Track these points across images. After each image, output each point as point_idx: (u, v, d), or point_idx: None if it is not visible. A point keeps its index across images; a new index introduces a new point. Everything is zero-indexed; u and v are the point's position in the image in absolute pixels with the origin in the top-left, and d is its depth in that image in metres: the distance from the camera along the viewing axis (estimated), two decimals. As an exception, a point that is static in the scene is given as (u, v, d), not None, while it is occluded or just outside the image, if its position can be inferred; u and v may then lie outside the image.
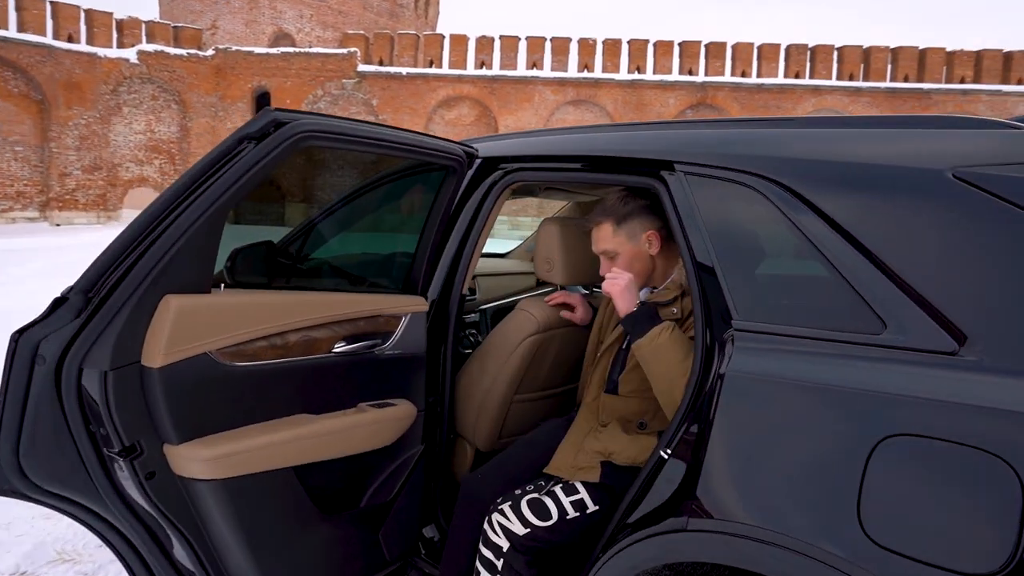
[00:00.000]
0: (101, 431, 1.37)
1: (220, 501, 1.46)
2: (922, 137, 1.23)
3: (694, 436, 1.26)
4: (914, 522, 0.97)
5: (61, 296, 1.35)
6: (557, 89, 28.08)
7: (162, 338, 1.36)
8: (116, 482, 1.43)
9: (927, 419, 0.99)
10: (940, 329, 1.05)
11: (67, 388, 1.34)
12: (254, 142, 1.47)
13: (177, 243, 1.37)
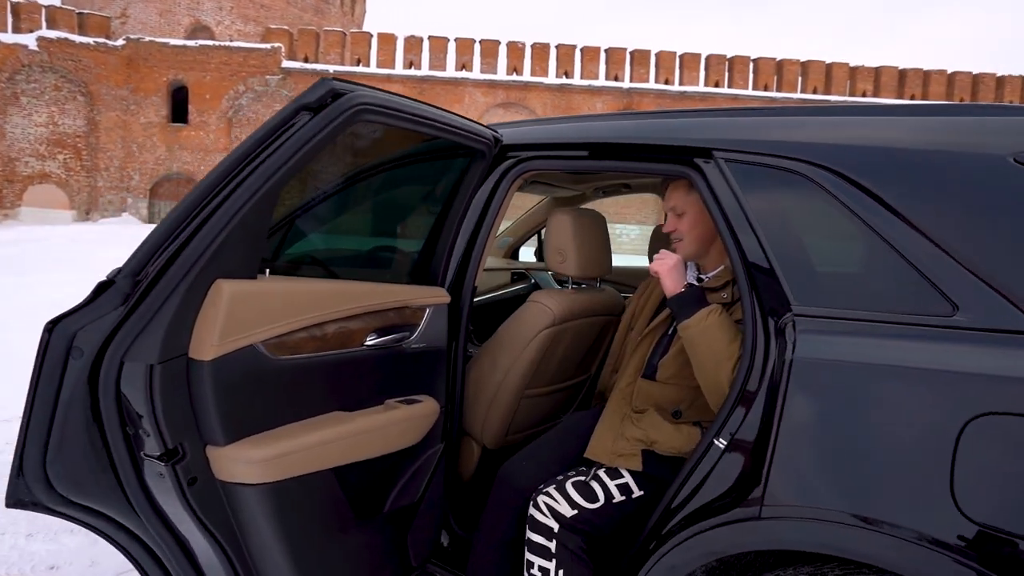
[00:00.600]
0: (141, 432, 1.22)
1: (267, 507, 1.33)
2: (978, 124, 1.27)
3: (757, 423, 1.25)
4: (1010, 497, 0.99)
5: (107, 280, 1.20)
6: (487, 91, 28.10)
7: (215, 328, 1.22)
8: (149, 490, 1.28)
9: (1012, 397, 1.01)
10: (1014, 308, 1.08)
11: (105, 385, 1.19)
12: (311, 113, 1.36)
13: (231, 222, 1.24)
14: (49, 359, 1.18)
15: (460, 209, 1.81)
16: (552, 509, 1.53)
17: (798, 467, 1.19)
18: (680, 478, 1.39)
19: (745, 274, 1.38)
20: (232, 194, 1.26)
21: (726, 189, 1.45)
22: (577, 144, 1.79)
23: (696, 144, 1.53)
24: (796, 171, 1.36)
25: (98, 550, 2.53)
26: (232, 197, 1.26)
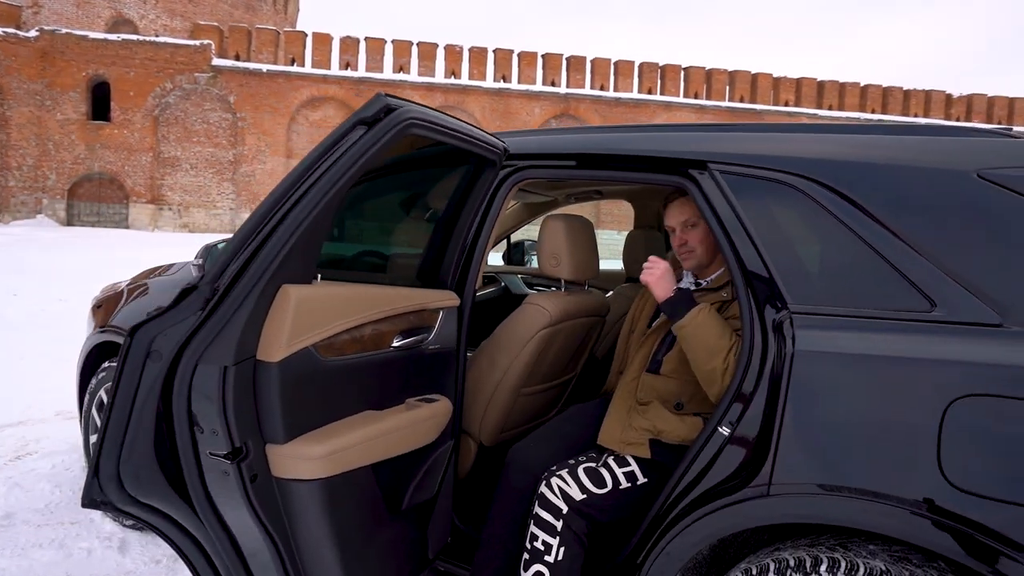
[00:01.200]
0: (209, 432, 1.24)
1: (319, 501, 1.37)
2: (949, 143, 1.44)
3: (761, 411, 1.38)
4: (989, 468, 1.15)
5: (189, 286, 1.22)
6: (426, 94, 28.00)
7: (284, 330, 1.26)
8: (207, 489, 1.30)
9: (994, 381, 1.17)
10: (984, 305, 1.24)
11: (180, 386, 1.21)
12: (366, 127, 1.41)
13: (296, 231, 1.28)
14: (130, 363, 1.20)
15: (470, 215, 1.88)
16: (563, 491, 1.63)
17: (803, 448, 1.33)
18: (685, 463, 1.52)
19: (742, 275, 1.52)
20: (297, 204, 1.31)
21: (721, 198, 1.58)
22: (574, 155, 1.90)
23: (691, 156, 1.66)
24: (787, 182, 1.50)
25: (72, 563, 2.47)
26: (298, 207, 1.30)
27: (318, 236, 1.39)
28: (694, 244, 1.87)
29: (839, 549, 1.32)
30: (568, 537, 1.62)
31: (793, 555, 1.34)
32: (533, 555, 1.63)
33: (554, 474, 1.67)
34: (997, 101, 33.34)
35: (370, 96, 1.44)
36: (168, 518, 1.35)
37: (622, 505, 1.66)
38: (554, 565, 1.60)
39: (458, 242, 1.89)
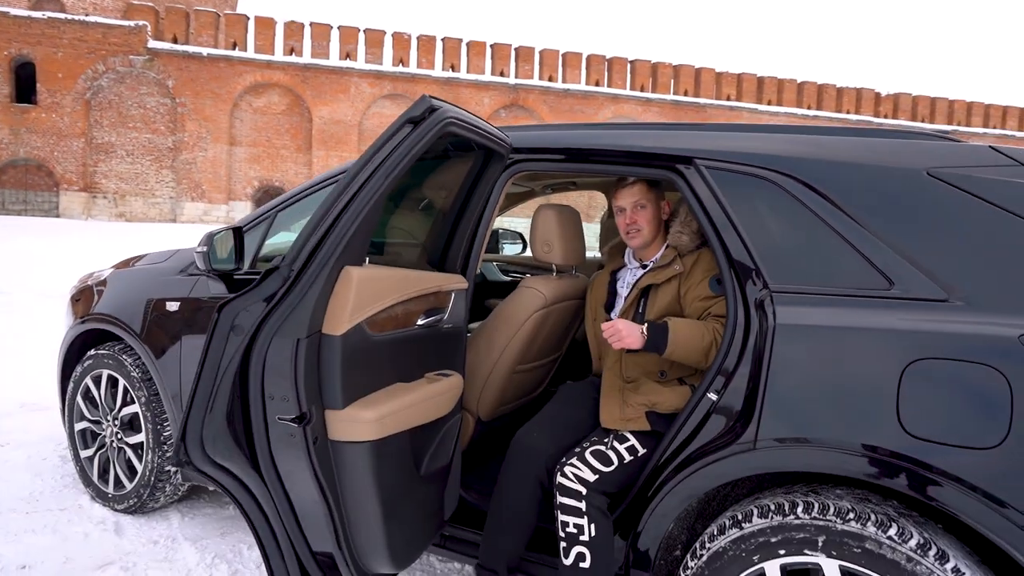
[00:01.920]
0: (279, 399, 1.35)
1: (368, 461, 1.50)
2: (903, 144, 1.67)
3: (747, 378, 1.58)
4: (938, 417, 1.37)
5: (272, 267, 1.32)
6: (374, 82, 27.67)
7: (347, 307, 1.39)
8: (273, 452, 1.41)
9: (940, 346, 1.40)
10: (933, 283, 1.47)
11: (257, 357, 1.32)
12: (413, 125, 1.53)
13: (358, 217, 1.40)
14: (216, 337, 1.31)
15: (478, 205, 2.02)
16: (578, 477, 1.80)
17: (784, 408, 1.53)
18: (677, 426, 1.71)
19: (726, 258, 1.71)
20: (358, 194, 1.43)
21: (706, 190, 1.78)
22: (569, 149, 2.06)
23: (679, 152, 1.85)
24: (766, 177, 1.71)
25: (71, 546, 2.51)
26: (359, 197, 1.43)
27: (372, 223, 1.52)
28: (642, 224, 2.08)
29: (811, 494, 1.54)
30: (594, 514, 1.79)
31: (772, 501, 1.55)
32: (570, 539, 1.78)
33: (566, 464, 1.83)
34: (920, 100, 35.19)
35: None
36: (235, 479, 1.46)
37: (628, 476, 1.84)
38: (591, 542, 1.76)
39: (466, 229, 2.03)
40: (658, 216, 2.11)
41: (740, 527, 1.55)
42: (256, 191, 27.00)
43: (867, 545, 1.39)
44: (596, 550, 1.76)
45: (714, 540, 1.59)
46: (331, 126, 27.27)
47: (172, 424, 2.60)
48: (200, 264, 2.31)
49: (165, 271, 2.68)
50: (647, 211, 2.09)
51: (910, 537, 1.38)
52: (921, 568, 1.34)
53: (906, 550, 1.36)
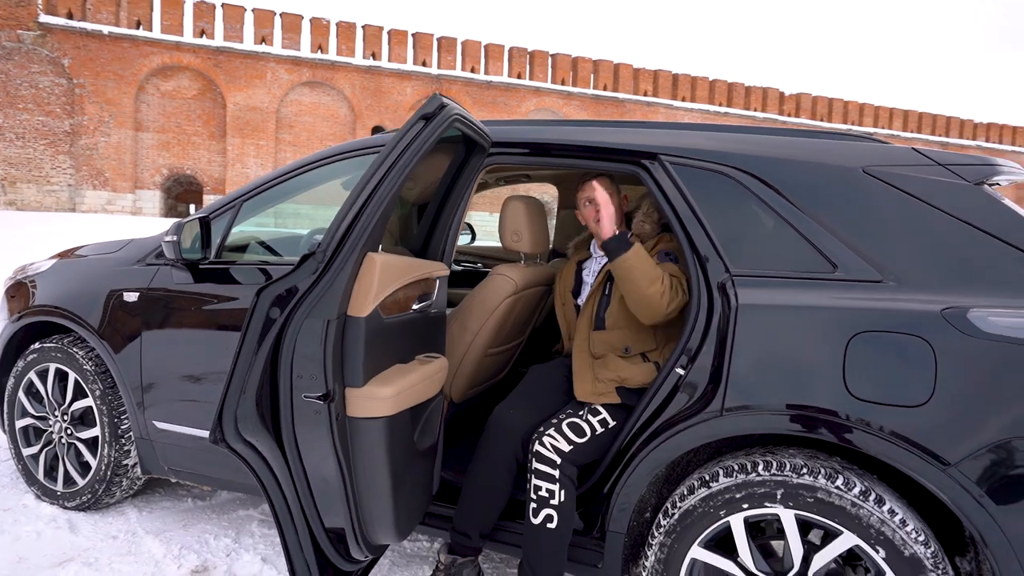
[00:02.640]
0: (309, 377, 1.39)
1: (382, 436, 1.57)
2: (841, 145, 1.89)
3: (712, 353, 1.76)
4: (877, 381, 1.59)
5: (309, 252, 1.36)
6: (292, 68, 26.83)
7: (371, 290, 1.45)
8: (296, 429, 1.45)
9: (877, 321, 1.62)
10: (870, 267, 1.69)
11: (290, 338, 1.35)
12: (426, 121, 1.60)
13: (380, 206, 1.46)
14: (255, 319, 1.34)
15: (460, 195, 2.11)
16: (554, 446, 1.94)
17: (748, 379, 1.72)
18: (647, 399, 1.87)
19: (689, 245, 1.89)
20: (380, 185, 1.49)
21: (670, 183, 1.94)
22: (541, 144, 2.18)
23: (645, 149, 2.01)
24: (725, 172, 1.89)
25: (23, 545, 2.43)
26: (381, 187, 1.49)
27: (389, 210, 1.59)
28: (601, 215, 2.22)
29: (768, 455, 1.74)
30: (565, 482, 1.94)
31: (735, 462, 1.73)
32: (540, 502, 1.93)
33: (544, 434, 1.97)
34: (819, 100, 37.51)
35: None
36: (260, 456, 1.50)
37: (599, 448, 2.00)
38: (559, 506, 1.91)
39: (448, 219, 2.12)
40: (618, 205, 2.27)
41: (708, 487, 1.73)
42: (166, 179, 25.66)
43: (819, 495, 1.60)
44: (563, 514, 1.92)
45: (684, 499, 1.76)
46: (247, 113, 26.25)
47: (131, 416, 2.55)
48: (169, 253, 2.29)
49: (121, 261, 2.62)
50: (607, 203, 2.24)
51: (854, 486, 1.59)
52: (863, 511, 1.56)
53: (851, 497, 1.58)
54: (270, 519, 2.74)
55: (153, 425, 2.50)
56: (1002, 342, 1.52)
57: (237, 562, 2.39)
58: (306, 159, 2.49)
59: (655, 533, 1.80)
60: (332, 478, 1.55)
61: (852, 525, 1.57)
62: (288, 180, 2.45)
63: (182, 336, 2.43)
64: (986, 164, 1.78)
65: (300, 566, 1.57)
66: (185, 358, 2.42)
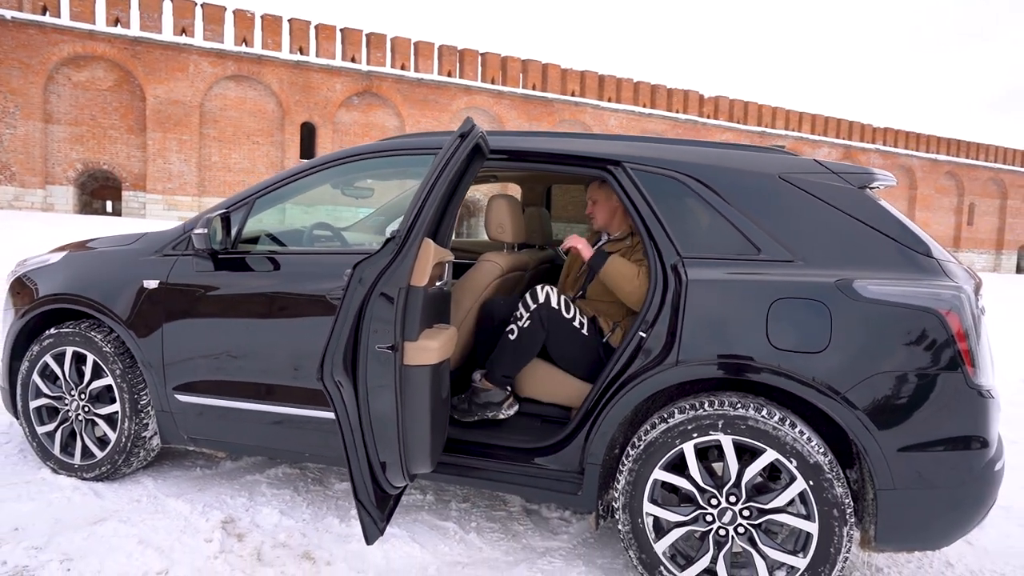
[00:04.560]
0: (385, 332, 1.80)
1: (429, 381, 1.99)
2: (763, 156, 2.43)
3: (667, 319, 2.26)
4: (790, 335, 2.13)
5: (389, 237, 1.75)
6: (216, 61, 26.10)
7: (428, 267, 1.87)
8: (368, 372, 1.86)
9: (790, 290, 2.15)
10: (784, 250, 2.23)
11: (374, 302, 1.74)
12: (461, 138, 2.00)
13: (434, 204, 1.87)
14: (351, 287, 1.73)
15: (462, 193, 2.52)
16: (547, 294, 2.64)
17: (696, 337, 2.23)
18: (615, 357, 2.36)
19: (648, 236, 2.38)
20: (435, 186, 1.91)
21: (633, 187, 2.44)
22: (521, 151, 2.64)
23: (610, 157, 2.50)
24: (675, 177, 2.40)
25: (56, 509, 2.67)
26: (436, 189, 1.91)
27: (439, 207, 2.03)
28: (595, 214, 2.89)
29: (712, 396, 2.25)
30: (534, 315, 2.63)
31: (686, 403, 2.24)
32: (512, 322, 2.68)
33: (546, 285, 2.68)
34: (735, 103, 39.61)
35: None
36: (340, 394, 1.89)
37: (573, 333, 2.66)
38: (521, 327, 2.64)
39: (452, 214, 2.54)
40: (609, 208, 2.85)
41: (666, 422, 2.23)
42: (80, 174, 24.51)
43: (749, 423, 2.13)
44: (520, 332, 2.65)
45: (647, 434, 2.25)
46: (168, 106, 25.37)
47: (152, 391, 2.83)
48: (200, 244, 2.61)
49: (140, 252, 2.89)
50: (599, 205, 2.88)
51: (774, 415, 2.13)
52: (781, 433, 2.09)
53: (772, 423, 2.11)
54: (277, 482, 3.07)
55: (175, 398, 2.80)
56: (876, 304, 2.09)
57: (258, 515, 2.72)
58: (313, 162, 2.84)
59: (625, 461, 2.29)
60: (389, 417, 1.96)
61: (773, 444, 2.11)
62: (299, 180, 2.80)
63: (203, 319, 2.74)
64: (866, 173, 2.36)
65: (360, 486, 1.97)
66: (207, 337, 2.73)
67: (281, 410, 2.65)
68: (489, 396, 2.72)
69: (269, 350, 2.67)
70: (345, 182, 3.37)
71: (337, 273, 2.48)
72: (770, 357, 2.14)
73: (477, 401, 2.74)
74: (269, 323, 2.68)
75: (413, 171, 3.18)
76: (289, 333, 2.64)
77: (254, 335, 2.69)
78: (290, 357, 2.62)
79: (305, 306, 2.61)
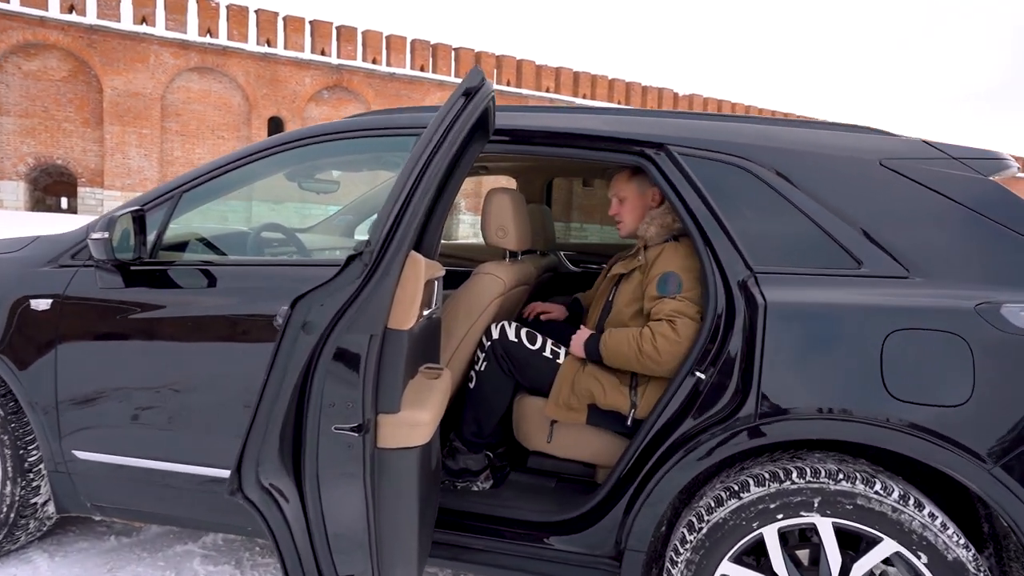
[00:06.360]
0: (344, 405, 1.12)
1: (416, 468, 1.34)
2: (856, 137, 1.83)
3: (738, 354, 1.65)
4: (915, 380, 1.54)
5: (355, 252, 1.07)
6: (178, 52, 24.94)
7: (416, 296, 1.18)
8: (321, 469, 1.17)
9: (911, 318, 1.56)
10: (895, 262, 1.65)
11: (325, 359, 1.07)
12: (466, 97, 1.36)
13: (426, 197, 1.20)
14: (287, 339, 1.05)
15: (455, 185, 1.88)
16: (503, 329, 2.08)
17: (782, 381, 1.62)
18: (660, 407, 1.75)
19: (704, 243, 1.78)
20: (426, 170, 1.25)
21: (680, 177, 1.82)
22: (531, 132, 2.00)
23: (650, 139, 1.88)
24: (740, 165, 1.79)
25: None
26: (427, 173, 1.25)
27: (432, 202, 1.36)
28: (623, 215, 2.21)
29: (798, 460, 1.65)
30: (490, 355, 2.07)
31: (764, 470, 1.63)
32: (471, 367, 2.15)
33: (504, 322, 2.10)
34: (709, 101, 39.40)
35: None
36: (275, 501, 1.22)
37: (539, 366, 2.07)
38: (479, 372, 2.09)
39: (442, 213, 1.89)
40: (642, 207, 2.17)
41: (738, 497, 1.62)
42: (32, 169, 23.19)
43: (858, 501, 1.53)
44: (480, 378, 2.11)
45: (712, 512, 1.64)
46: (127, 99, 24.13)
47: (43, 445, 2.15)
48: (97, 253, 1.93)
49: (27, 262, 2.20)
50: (627, 204, 2.19)
51: (892, 490, 1.53)
52: (904, 516, 1.50)
53: (891, 502, 1.52)
54: (213, 553, 2.41)
55: (72, 455, 2.12)
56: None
57: (185, 609, 2.06)
58: (256, 146, 2.18)
59: (680, 549, 1.68)
60: (355, 521, 1.30)
61: (893, 531, 1.52)
62: (239, 169, 2.13)
63: (110, 350, 2.06)
64: (995, 158, 1.78)
65: None
66: (114, 375, 2.06)
67: (216, 472, 1.99)
68: (467, 461, 2.12)
69: (200, 393, 2.01)
70: (303, 173, 2.69)
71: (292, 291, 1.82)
72: (889, 411, 1.55)
73: (453, 466, 2.13)
74: (198, 357, 2.02)
75: (388, 158, 2.52)
76: (227, 370, 1.98)
77: (179, 373, 2.02)
78: (225, 402, 1.96)
79: (247, 334, 1.95)
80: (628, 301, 2.04)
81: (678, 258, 1.97)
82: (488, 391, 2.09)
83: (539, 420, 2.06)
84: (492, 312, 2.10)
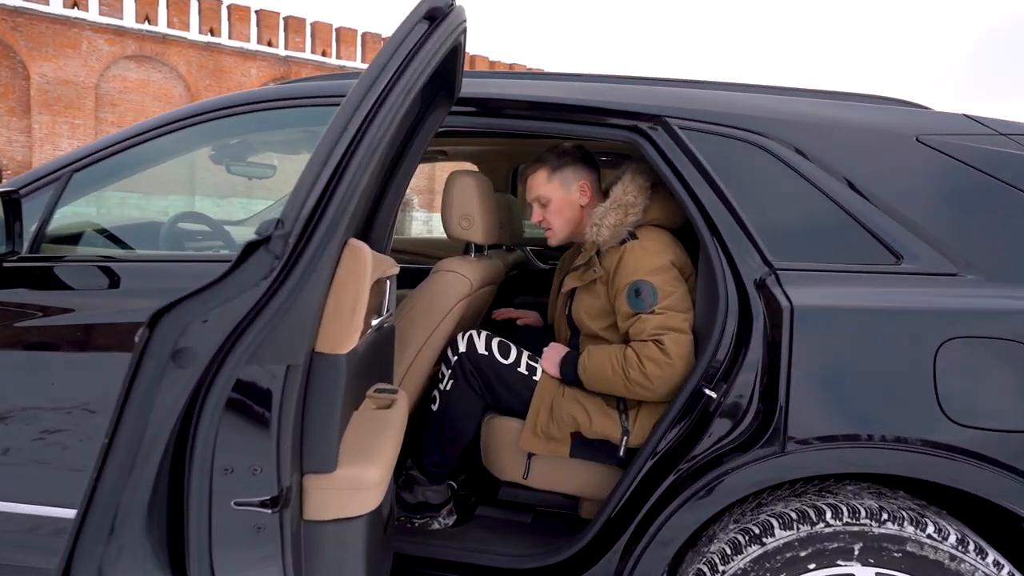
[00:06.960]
0: (247, 471, 0.74)
1: (361, 544, 0.97)
2: (890, 110, 1.56)
3: (758, 367, 1.36)
4: (975, 399, 1.27)
5: (257, 238, 0.69)
6: (113, 39, 23.65)
7: (357, 305, 0.81)
8: (213, 560, 0.80)
9: (969, 324, 1.30)
10: (942, 257, 1.38)
11: (215, 402, 0.69)
12: (430, 22, 0.99)
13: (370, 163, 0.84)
14: (143, 375, 0.67)
15: (410, 165, 1.52)
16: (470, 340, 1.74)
17: (814, 401, 1.34)
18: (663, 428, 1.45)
19: (711, 233, 1.48)
20: (371, 124, 0.89)
21: (681, 155, 1.52)
22: (503, 102, 1.67)
23: (645, 111, 1.57)
24: (753, 141, 1.50)
25: None
26: (371, 129, 0.89)
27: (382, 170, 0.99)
28: (551, 221, 1.87)
29: (828, 495, 1.37)
30: (457, 372, 1.75)
31: (791, 509, 1.35)
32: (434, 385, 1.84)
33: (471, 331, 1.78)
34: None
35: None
36: None
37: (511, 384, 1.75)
38: (443, 391, 1.79)
39: (395, 197, 1.53)
40: (571, 207, 1.85)
41: (760, 543, 1.33)
42: (-50, 162, 21.65)
43: (908, 547, 1.26)
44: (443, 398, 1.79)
45: (728, 561, 1.35)
46: (58, 87, 22.75)
47: None
48: None
49: None
50: (553, 207, 1.85)
51: (948, 534, 1.27)
52: (965, 566, 1.24)
53: (947, 548, 1.25)
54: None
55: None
56: (1115, 347, 1.26)
57: None
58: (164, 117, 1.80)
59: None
60: None
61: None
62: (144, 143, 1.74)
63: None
64: None
65: None
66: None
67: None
68: (426, 493, 1.78)
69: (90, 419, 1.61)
70: (232, 155, 2.29)
71: None
72: (948, 437, 1.27)
73: (409, 499, 1.79)
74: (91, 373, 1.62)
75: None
76: None
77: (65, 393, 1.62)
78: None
79: None
80: (595, 316, 1.74)
81: (644, 261, 1.66)
82: (454, 415, 1.76)
83: (514, 450, 1.73)
84: (456, 317, 1.76)
